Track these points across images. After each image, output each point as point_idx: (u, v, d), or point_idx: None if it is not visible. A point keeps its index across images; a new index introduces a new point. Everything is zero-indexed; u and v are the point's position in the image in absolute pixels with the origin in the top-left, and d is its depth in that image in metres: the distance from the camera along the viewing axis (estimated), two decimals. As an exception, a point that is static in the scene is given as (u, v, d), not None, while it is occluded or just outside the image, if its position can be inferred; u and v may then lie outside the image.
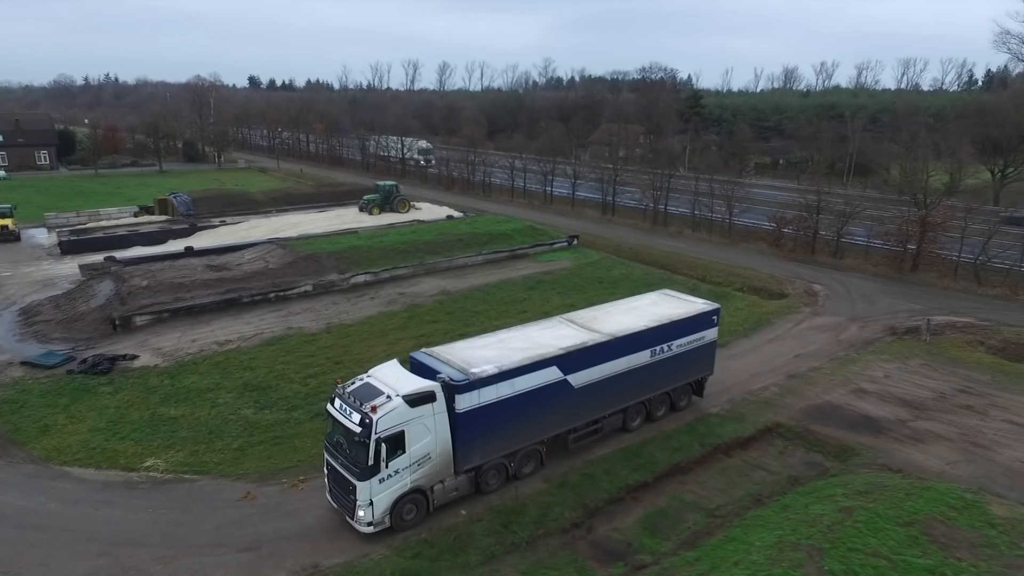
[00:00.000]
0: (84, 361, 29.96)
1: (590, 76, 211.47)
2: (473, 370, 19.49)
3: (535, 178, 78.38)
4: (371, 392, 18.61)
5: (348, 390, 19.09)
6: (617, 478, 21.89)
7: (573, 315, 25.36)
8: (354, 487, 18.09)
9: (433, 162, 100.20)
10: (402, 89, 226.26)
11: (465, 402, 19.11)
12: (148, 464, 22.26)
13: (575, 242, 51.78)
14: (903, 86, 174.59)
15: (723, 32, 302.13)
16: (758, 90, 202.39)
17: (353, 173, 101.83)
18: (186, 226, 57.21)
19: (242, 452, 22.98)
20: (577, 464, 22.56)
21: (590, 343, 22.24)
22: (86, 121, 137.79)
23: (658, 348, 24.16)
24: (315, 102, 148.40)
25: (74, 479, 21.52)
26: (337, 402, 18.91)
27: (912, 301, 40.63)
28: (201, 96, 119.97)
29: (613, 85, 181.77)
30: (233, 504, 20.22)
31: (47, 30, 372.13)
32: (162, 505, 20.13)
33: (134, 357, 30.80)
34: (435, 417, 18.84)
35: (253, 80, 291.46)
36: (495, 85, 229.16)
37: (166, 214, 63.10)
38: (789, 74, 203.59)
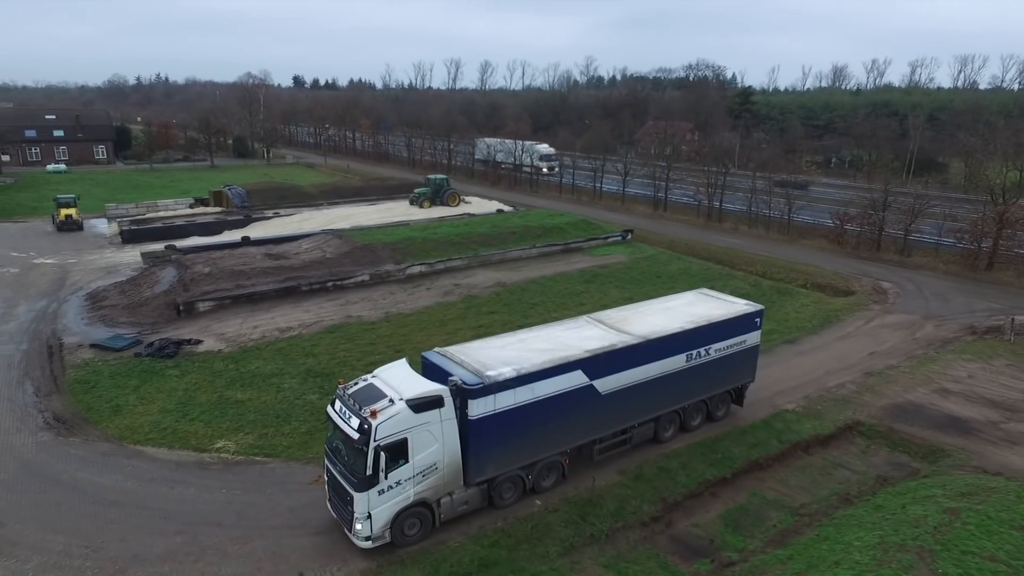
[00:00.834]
0: (151, 345, 30.32)
1: (632, 75, 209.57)
2: (489, 373, 17.70)
3: (582, 175, 77.69)
4: (373, 395, 16.88)
5: (350, 392, 17.37)
6: (694, 473, 21.12)
7: (602, 314, 23.36)
8: (352, 498, 16.48)
9: (556, 170, 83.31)
10: (444, 88, 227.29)
11: (479, 408, 17.42)
12: (219, 445, 22.26)
13: (629, 236, 50.90)
14: (960, 84, 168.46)
15: (768, 31, 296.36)
16: (806, 88, 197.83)
17: (399, 169, 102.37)
18: (241, 217, 57.98)
19: (310, 436, 22.81)
20: (651, 457, 21.84)
21: (619, 345, 20.30)
22: (139, 119, 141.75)
23: (694, 352, 22.17)
24: (360, 100, 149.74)
25: (147, 458, 21.62)
26: (338, 404, 17.32)
27: (989, 300, 38.75)
28: (251, 93, 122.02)
29: (656, 83, 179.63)
30: (305, 487, 20.02)
31: (102, 32, 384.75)
32: (235, 486, 20.05)
33: (198, 342, 31.08)
34: (443, 424, 17.07)
35: (297, 80, 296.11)
36: (536, 84, 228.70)
37: (221, 206, 64.12)
38: (838, 72, 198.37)
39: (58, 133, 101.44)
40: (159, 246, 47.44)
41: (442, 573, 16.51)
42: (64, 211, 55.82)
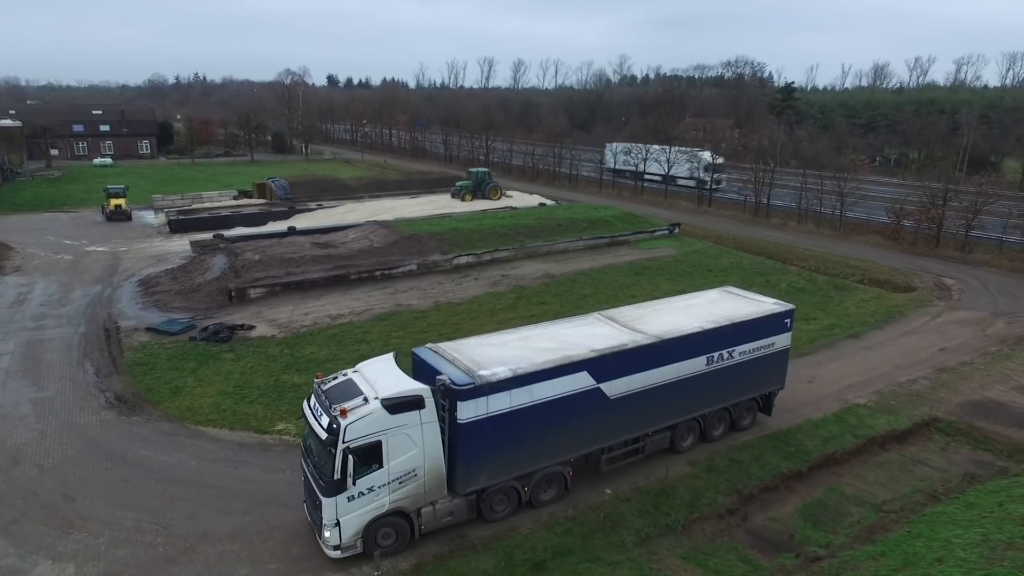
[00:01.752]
0: (205, 329, 30.37)
1: (666, 74, 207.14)
2: (481, 372, 16.14)
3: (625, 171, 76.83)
4: (349, 391, 15.63)
5: (325, 387, 16.14)
6: (768, 465, 20.33)
7: (614, 312, 21.46)
8: (320, 502, 15.27)
9: (723, 183, 67.80)
10: (477, 87, 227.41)
11: (469, 411, 15.82)
12: (279, 428, 22.07)
13: (676, 230, 49.95)
14: (1008, 82, 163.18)
15: (805, 30, 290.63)
16: (845, 87, 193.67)
17: (436, 164, 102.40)
18: (285, 209, 58.32)
19: (369, 421, 22.47)
20: (721, 448, 21.09)
21: (630, 345, 18.48)
22: (178, 116, 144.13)
23: (716, 355, 20.19)
24: (396, 97, 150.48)
25: (209, 439, 21.52)
26: (313, 399, 16.18)
27: (1061, 298, 37.08)
28: (290, 89, 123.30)
29: (691, 82, 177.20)
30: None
31: (144, 34, 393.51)
32: (299, 468, 19.78)
33: (251, 327, 31.08)
34: (423, 427, 15.59)
35: (331, 79, 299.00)
36: (568, 83, 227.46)
37: (264, 198, 64.62)
38: (879, 70, 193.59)
39: (104, 128, 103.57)
40: (207, 235, 47.87)
41: (516, 560, 16.02)
42: (114, 201, 56.76)
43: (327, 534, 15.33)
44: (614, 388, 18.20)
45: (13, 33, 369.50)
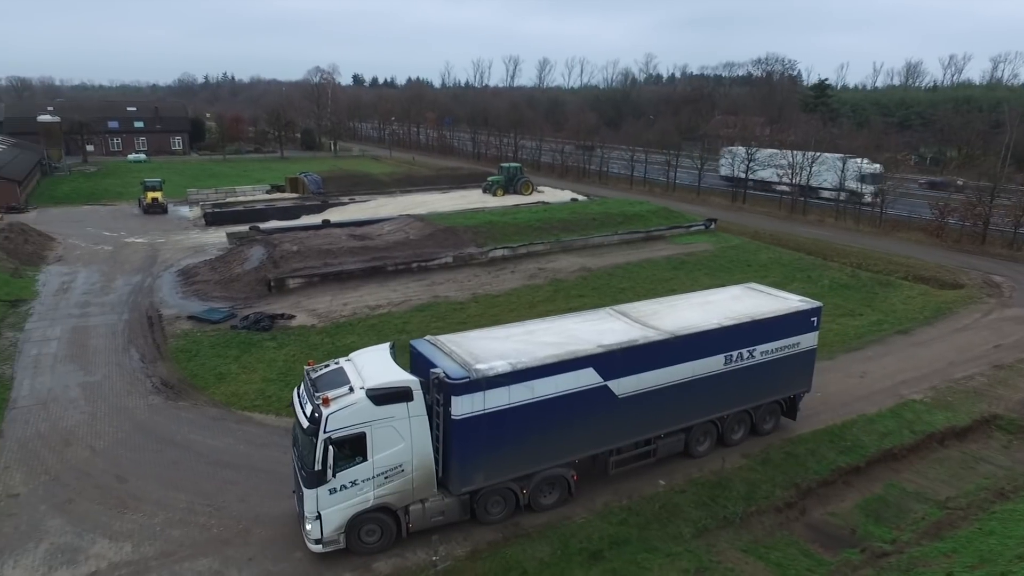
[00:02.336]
0: (246, 318, 30.49)
1: (692, 73, 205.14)
2: (478, 367, 15.26)
3: (654, 168, 76.13)
4: (337, 380, 15.15)
5: (314, 375, 15.69)
6: (824, 460, 19.79)
7: (627, 307, 20.44)
8: (302, 494, 14.85)
9: (873, 195, 54.83)
10: (503, 85, 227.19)
11: (464, 406, 15.00)
12: (325, 414, 21.94)
13: (712, 226, 49.25)
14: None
15: (835, 29, 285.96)
16: (876, 86, 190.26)
17: (464, 162, 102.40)
18: (318, 203, 58.60)
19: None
20: (775, 442, 20.58)
21: (640, 341, 17.44)
22: (207, 115, 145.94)
23: (734, 354, 19.03)
24: (423, 96, 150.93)
25: (256, 424, 21.51)
26: (301, 387, 15.74)
27: (1118, 296, 35.84)
28: (319, 87, 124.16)
29: (718, 81, 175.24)
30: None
31: (174, 35, 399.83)
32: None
33: (291, 316, 31.13)
34: (411, 420, 14.96)
35: (357, 78, 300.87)
36: (594, 82, 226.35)
37: (296, 192, 65.02)
38: (912, 68, 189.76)
39: (138, 124, 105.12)
40: (242, 228, 48.20)
41: (572, 549, 15.71)
42: (151, 194, 57.43)
43: (308, 527, 14.78)
44: (623, 386, 17.21)
45: (48, 35, 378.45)
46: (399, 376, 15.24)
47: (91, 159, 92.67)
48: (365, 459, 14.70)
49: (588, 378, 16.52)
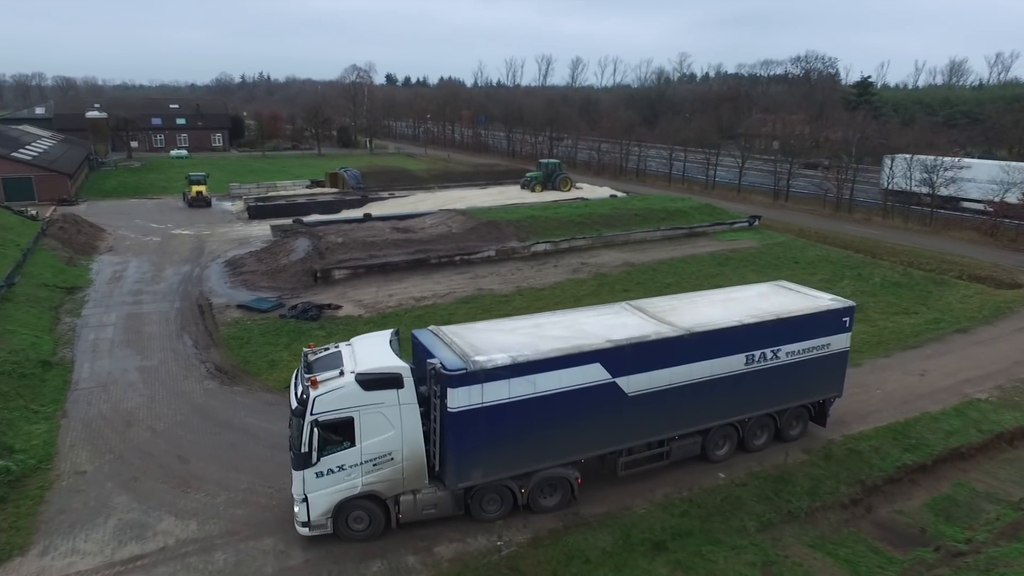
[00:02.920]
0: (294, 307, 30.82)
1: (727, 72, 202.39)
2: (476, 358, 14.70)
3: (692, 166, 75.31)
4: (331, 363, 15.17)
5: (312, 358, 15.70)
6: (888, 457, 19.22)
7: (644, 302, 19.57)
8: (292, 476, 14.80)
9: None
10: (535, 85, 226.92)
11: (460, 399, 14.52)
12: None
13: (756, 223, 48.45)
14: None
15: (872, 27, 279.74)
16: (917, 84, 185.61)
17: (499, 159, 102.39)
18: (358, 197, 59.07)
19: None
20: (836, 438, 20.07)
21: (652, 337, 16.60)
22: (244, 113, 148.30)
23: (756, 354, 17.94)
24: (458, 94, 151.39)
25: (310, 409, 21.61)
26: (299, 369, 15.74)
27: None
28: (356, 86, 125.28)
29: (753, 80, 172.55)
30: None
31: (213, 36, 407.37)
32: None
33: (338, 307, 31.39)
34: (401, 408, 14.72)
35: (390, 77, 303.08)
36: (626, 81, 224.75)
37: (336, 187, 65.65)
38: (955, 67, 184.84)
39: (180, 121, 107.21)
40: (285, 221, 48.78)
41: (634, 539, 15.49)
42: (195, 188, 58.51)
43: (296, 509, 14.77)
44: (633, 384, 16.39)
45: (92, 36, 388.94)
46: (391, 362, 15.05)
47: (135, 155, 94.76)
48: (353, 444, 14.56)
49: (595, 374, 15.83)
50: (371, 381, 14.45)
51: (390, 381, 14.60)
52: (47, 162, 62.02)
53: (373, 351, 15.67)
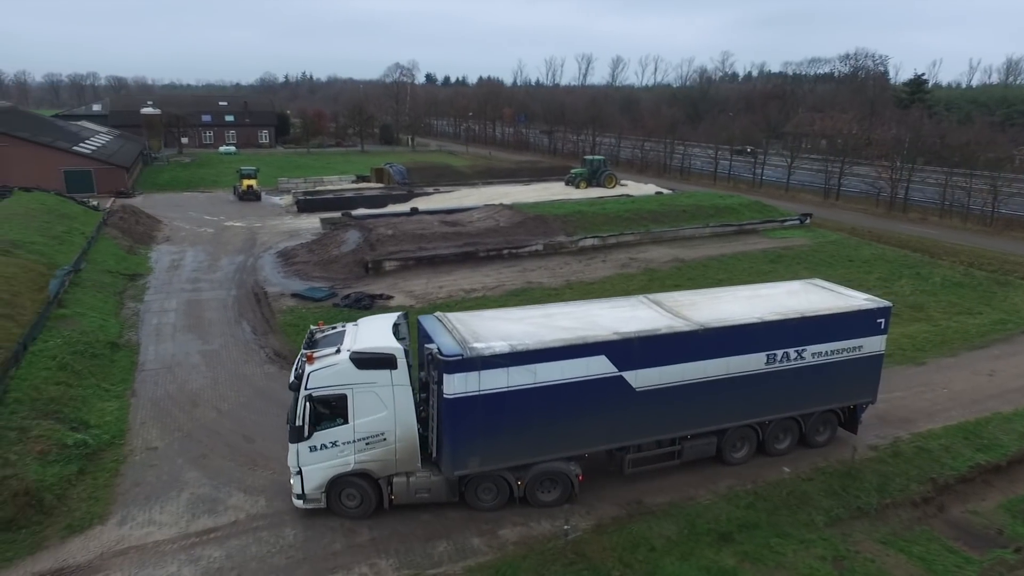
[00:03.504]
0: (347, 296, 31.28)
1: (770, 71, 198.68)
2: (474, 345, 14.51)
3: (738, 164, 74.23)
4: (333, 341, 15.59)
5: (318, 335, 16.26)
6: (961, 456, 18.63)
7: (663, 296, 18.92)
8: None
9: None
10: (575, 84, 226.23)
11: (456, 385, 14.36)
12: (434, 388, 22.19)
13: (808, 221, 47.48)
14: None
15: (921, 26, 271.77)
16: (971, 84, 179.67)
17: (540, 157, 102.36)
18: (403, 192, 59.66)
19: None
20: (904, 436, 19.53)
21: (663, 331, 16.02)
22: (288, 111, 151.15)
23: (778, 353, 17.13)
24: (498, 93, 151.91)
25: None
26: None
27: None
28: (400, 84, 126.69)
29: (797, 79, 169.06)
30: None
31: (258, 36, 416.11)
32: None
33: (390, 297, 31.74)
34: (394, 389, 14.82)
35: (429, 77, 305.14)
36: (667, 80, 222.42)
37: (381, 182, 66.42)
38: (1012, 65, 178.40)
39: (229, 118, 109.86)
40: (334, 214, 49.50)
41: (700, 528, 15.30)
42: (246, 182, 59.80)
43: (292, 481, 15.17)
44: (641, 379, 15.87)
45: (142, 38, 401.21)
46: (386, 343, 15.14)
47: (185, 151, 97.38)
48: (346, 422, 14.81)
49: (600, 367, 15.38)
50: (364, 360, 14.66)
51: (383, 361, 14.76)
52: (106, 156, 64.13)
53: (374, 332, 15.91)
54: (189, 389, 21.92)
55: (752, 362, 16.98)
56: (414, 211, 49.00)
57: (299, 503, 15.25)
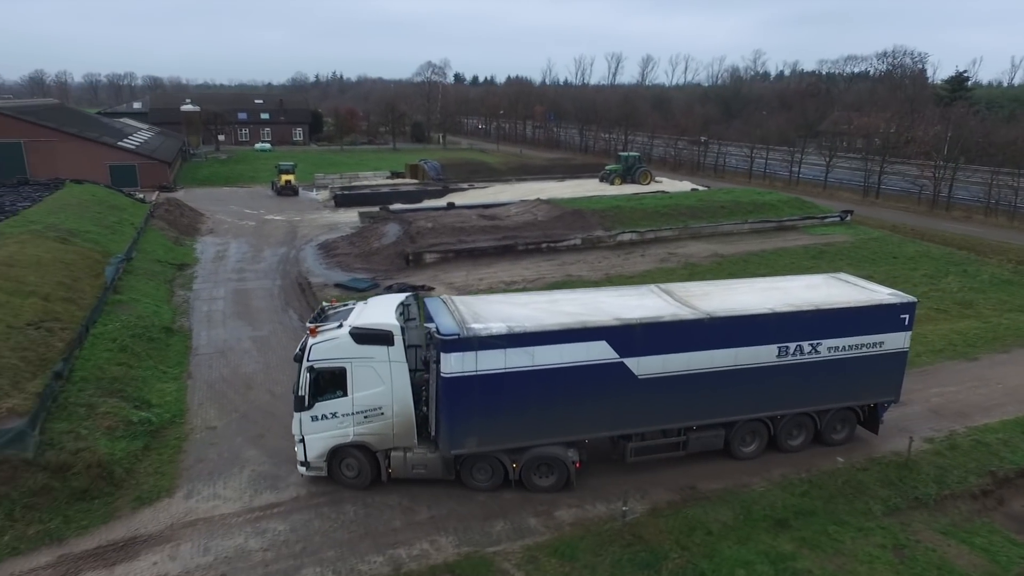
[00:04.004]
0: (389, 287, 31.61)
1: (803, 69, 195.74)
2: (471, 325, 14.59)
3: (774, 162, 73.43)
4: (340, 317, 16.27)
5: (328, 311, 17.11)
6: (1019, 450, 18.32)
7: (673, 286, 18.53)
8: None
9: None
10: (605, 83, 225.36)
11: (454, 365, 14.44)
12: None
13: (848, 217, 46.82)
14: None
15: (958, 25, 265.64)
16: (1014, 82, 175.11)
17: (572, 155, 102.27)
18: (439, 188, 60.13)
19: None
20: (959, 429, 19.26)
21: (667, 318, 15.74)
22: (319, 110, 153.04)
23: (791, 346, 16.60)
24: (528, 92, 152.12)
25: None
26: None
27: None
28: (432, 83, 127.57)
29: (831, 78, 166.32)
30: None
31: (289, 37, 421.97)
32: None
33: (431, 288, 32.04)
34: (391, 365, 15.25)
35: (458, 76, 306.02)
36: (698, 79, 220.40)
37: (415, 178, 67.02)
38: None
39: (264, 116, 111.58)
40: (371, 209, 50.11)
41: (756, 515, 15.28)
42: (284, 177, 60.82)
43: (296, 449, 15.82)
44: (644, 366, 15.62)
45: (178, 39, 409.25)
46: (385, 320, 15.59)
47: (222, 147, 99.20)
48: (346, 394, 15.38)
49: (600, 352, 15.22)
50: (362, 335, 15.19)
51: (380, 337, 15.21)
52: (148, 151, 65.67)
53: (378, 310, 16.46)
54: (242, 372, 22.44)
55: (763, 354, 16.59)
56: (451, 206, 49.36)
57: (303, 470, 15.92)
